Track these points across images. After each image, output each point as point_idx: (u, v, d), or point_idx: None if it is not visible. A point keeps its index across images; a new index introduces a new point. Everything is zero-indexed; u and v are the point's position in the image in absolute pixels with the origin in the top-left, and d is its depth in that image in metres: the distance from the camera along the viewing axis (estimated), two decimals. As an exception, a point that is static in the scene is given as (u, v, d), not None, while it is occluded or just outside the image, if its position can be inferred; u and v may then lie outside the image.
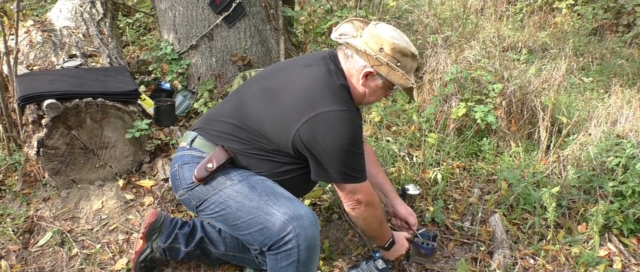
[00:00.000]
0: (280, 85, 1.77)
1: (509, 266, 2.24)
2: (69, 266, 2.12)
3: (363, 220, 1.86)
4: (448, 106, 3.25)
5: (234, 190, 1.73)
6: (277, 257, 1.69)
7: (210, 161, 1.75)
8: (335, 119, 1.64)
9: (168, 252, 2.03)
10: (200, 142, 1.83)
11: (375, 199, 1.85)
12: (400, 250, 2.05)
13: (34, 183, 2.43)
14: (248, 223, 1.70)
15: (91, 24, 3.15)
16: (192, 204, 1.82)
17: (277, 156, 1.77)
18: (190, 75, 3.18)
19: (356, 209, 1.81)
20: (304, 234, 1.64)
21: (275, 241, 1.66)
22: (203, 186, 1.76)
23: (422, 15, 4.32)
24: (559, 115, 3.17)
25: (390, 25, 1.80)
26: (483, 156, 3.10)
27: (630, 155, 2.61)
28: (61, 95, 2.23)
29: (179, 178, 1.82)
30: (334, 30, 1.84)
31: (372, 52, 1.70)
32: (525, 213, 2.61)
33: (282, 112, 1.70)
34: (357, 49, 1.72)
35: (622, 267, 2.30)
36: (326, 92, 1.69)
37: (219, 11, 3.04)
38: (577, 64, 3.96)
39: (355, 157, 1.71)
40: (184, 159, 1.83)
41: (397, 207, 2.17)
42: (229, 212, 1.73)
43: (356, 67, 1.76)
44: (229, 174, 1.77)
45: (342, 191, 1.78)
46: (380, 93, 1.82)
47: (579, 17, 6.24)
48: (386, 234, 1.97)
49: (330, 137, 1.63)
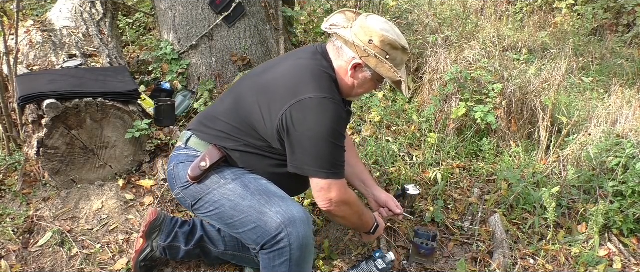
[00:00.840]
0: (269, 79, 1.77)
1: (509, 266, 2.24)
2: (69, 266, 2.12)
3: (342, 217, 1.83)
4: (448, 106, 3.25)
5: (228, 189, 1.74)
6: (270, 256, 1.69)
7: (204, 159, 1.76)
8: (317, 105, 1.61)
9: (168, 251, 2.03)
10: (195, 141, 1.84)
11: (351, 196, 1.80)
12: (379, 231, 2.03)
13: (34, 183, 2.43)
14: (241, 222, 1.71)
15: (91, 24, 3.15)
16: (187, 202, 1.82)
17: (269, 153, 1.77)
18: (190, 75, 3.18)
19: (330, 207, 1.75)
20: (297, 233, 1.64)
21: (268, 240, 1.66)
22: (197, 184, 1.77)
23: (422, 15, 4.31)
24: (559, 115, 3.17)
25: (382, 18, 1.78)
26: (483, 156, 3.10)
27: (630, 155, 2.61)
28: (61, 95, 2.23)
29: (175, 177, 1.83)
30: (325, 20, 1.83)
31: (361, 43, 1.69)
32: (525, 213, 2.61)
33: (267, 102, 1.69)
34: (346, 40, 1.72)
35: (622, 267, 2.30)
36: (309, 79, 1.67)
37: (219, 11, 3.04)
38: (577, 64, 3.96)
39: (334, 150, 1.66)
40: (179, 158, 1.84)
41: (376, 193, 2.15)
42: (223, 211, 1.73)
43: (345, 58, 1.75)
44: (222, 173, 1.77)
45: (316, 186, 1.71)
46: (369, 85, 1.80)
47: (579, 17, 6.24)
48: (368, 222, 1.95)
49: (310, 124, 1.61)
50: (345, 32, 1.73)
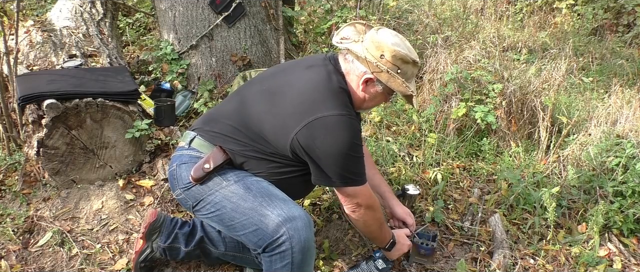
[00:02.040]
0: (281, 88, 1.76)
1: (509, 266, 2.24)
2: (69, 266, 2.12)
3: (363, 222, 1.86)
4: (448, 106, 3.25)
5: (230, 191, 1.73)
6: (272, 259, 1.69)
7: (208, 161, 1.75)
8: (335, 123, 1.63)
9: (168, 252, 2.03)
10: (199, 143, 1.83)
11: (375, 201, 1.85)
12: (401, 249, 2.05)
13: (34, 183, 2.42)
14: (242, 224, 1.71)
15: (91, 24, 3.15)
16: (188, 203, 1.82)
17: (276, 158, 1.76)
18: (190, 75, 3.18)
19: (356, 211, 1.81)
20: (298, 236, 1.64)
21: (269, 243, 1.66)
22: (199, 186, 1.77)
23: (422, 15, 4.32)
24: (559, 115, 3.17)
25: (392, 31, 1.78)
26: (483, 156, 3.10)
27: (630, 155, 2.61)
28: (61, 95, 2.23)
29: (176, 178, 1.83)
30: (335, 33, 1.83)
31: (372, 58, 1.69)
32: (525, 213, 2.61)
33: (281, 115, 1.70)
34: (357, 55, 1.72)
35: (622, 267, 2.30)
36: (326, 96, 1.68)
37: (219, 11, 3.04)
38: (577, 64, 3.96)
39: (354, 161, 1.71)
40: (182, 159, 1.83)
41: (394, 208, 2.17)
42: (224, 212, 1.73)
43: (356, 72, 1.75)
44: (225, 174, 1.77)
45: (342, 194, 1.78)
46: (380, 98, 1.82)
47: (579, 17, 6.24)
48: (386, 235, 1.97)
49: (330, 142, 1.63)
50: (356, 46, 1.73)
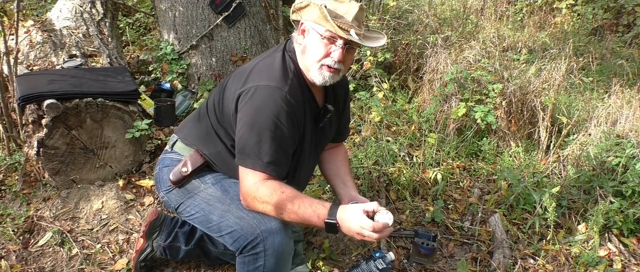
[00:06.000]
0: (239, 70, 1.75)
1: (509, 266, 2.24)
2: (69, 266, 2.12)
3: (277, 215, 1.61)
4: (448, 106, 3.25)
5: (208, 193, 1.74)
6: (245, 261, 1.65)
7: (185, 165, 1.76)
8: (261, 92, 1.56)
9: (168, 251, 2.03)
10: (180, 146, 1.84)
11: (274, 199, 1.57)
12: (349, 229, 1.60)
13: (34, 183, 2.42)
14: (219, 226, 1.69)
15: (91, 24, 3.15)
16: (171, 206, 1.84)
17: None
18: (190, 75, 3.18)
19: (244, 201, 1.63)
20: (272, 239, 1.60)
21: (244, 245, 1.63)
22: (179, 189, 1.78)
23: (422, 15, 4.31)
24: (559, 115, 3.17)
25: None
26: (483, 156, 3.10)
27: (630, 155, 2.61)
28: (61, 95, 2.23)
29: (159, 181, 1.85)
30: None
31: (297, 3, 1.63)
32: (525, 213, 2.61)
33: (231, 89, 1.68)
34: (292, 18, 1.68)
35: (622, 267, 2.30)
36: (262, 68, 1.64)
37: (219, 11, 3.04)
38: (577, 64, 3.95)
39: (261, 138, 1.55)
40: (164, 162, 1.85)
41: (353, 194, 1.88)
42: (203, 214, 1.73)
43: (296, 36, 1.68)
44: (203, 177, 1.77)
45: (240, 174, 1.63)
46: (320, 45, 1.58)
47: (579, 17, 6.24)
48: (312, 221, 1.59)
49: (249, 110, 1.57)
50: None
